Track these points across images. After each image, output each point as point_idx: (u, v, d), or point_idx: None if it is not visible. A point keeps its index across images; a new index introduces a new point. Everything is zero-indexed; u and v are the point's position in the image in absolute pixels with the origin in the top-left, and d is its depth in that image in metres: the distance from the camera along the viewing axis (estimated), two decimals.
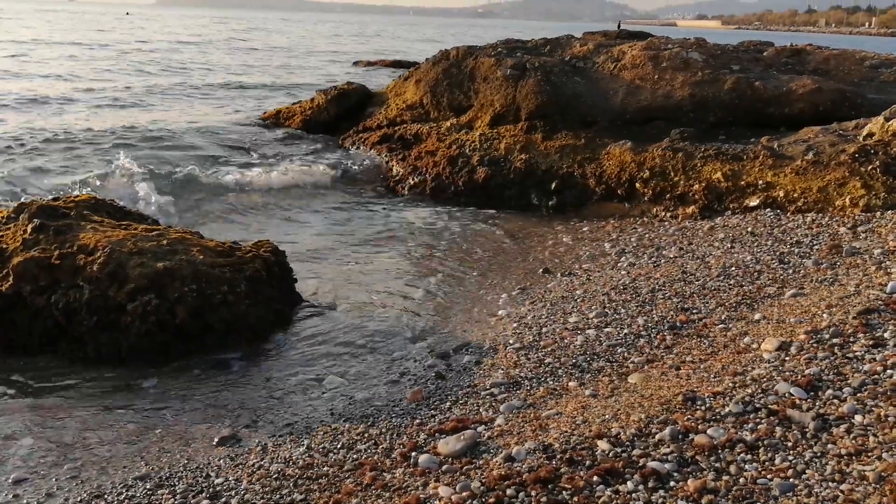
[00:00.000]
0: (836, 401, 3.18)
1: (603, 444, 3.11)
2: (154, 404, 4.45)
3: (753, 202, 7.90)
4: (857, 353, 3.62)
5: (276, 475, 3.44)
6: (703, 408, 3.32)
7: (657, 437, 3.11)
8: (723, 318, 4.77)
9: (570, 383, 4.14)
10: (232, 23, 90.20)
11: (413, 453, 3.42)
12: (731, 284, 5.40)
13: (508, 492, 2.88)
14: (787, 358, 3.75)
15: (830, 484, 2.64)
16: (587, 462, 3.00)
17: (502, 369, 4.50)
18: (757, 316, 4.62)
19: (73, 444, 3.97)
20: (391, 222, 8.68)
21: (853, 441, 2.85)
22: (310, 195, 9.92)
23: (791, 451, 2.86)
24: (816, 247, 5.98)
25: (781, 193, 7.79)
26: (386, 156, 11.29)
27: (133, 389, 4.64)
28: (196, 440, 3.97)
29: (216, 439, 3.92)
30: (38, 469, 3.71)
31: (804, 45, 12.07)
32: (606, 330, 4.90)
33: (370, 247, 7.74)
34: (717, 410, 3.27)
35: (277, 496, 3.26)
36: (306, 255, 7.27)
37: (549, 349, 4.71)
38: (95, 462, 3.76)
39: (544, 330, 5.11)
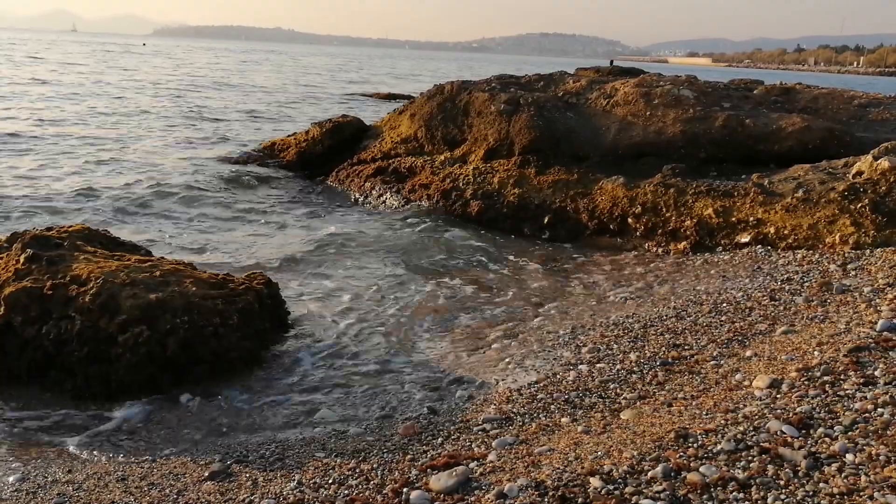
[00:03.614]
0: (827, 439, 3.18)
1: (595, 482, 3.09)
2: (143, 437, 4.42)
3: (744, 238, 7.96)
4: (847, 392, 3.63)
5: None
6: (695, 445, 3.31)
7: (649, 474, 3.10)
8: (714, 354, 4.78)
9: (563, 419, 4.13)
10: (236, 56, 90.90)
11: (404, 489, 3.40)
12: (722, 321, 5.42)
13: None
14: (778, 395, 3.75)
15: None
16: (579, 499, 2.98)
17: (494, 404, 4.49)
18: (748, 353, 4.64)
19: (60, 477, 3.93)
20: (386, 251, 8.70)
21: (845, 480, 2.85)
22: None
23: (783, 490, 2.86)
24: (807, 284, 6.02)
25: (772, 230, 7.85)
26: (380, 188, 11.35)
27: (122, 423, 4.61)
28: (186, 474, 3.93)
29: (206, 473, 3.88)
30: (24, 503, 3.67)
31: (794, 84, 12.27)
32: (599, 366, 4.90)
33: (364, 278, 7.73)
34: (709, 448, 3.26)
35: None
36: (295, 286, 7.26)
37: (542, 384, 4.71)
38: (83, 496, 3.71)
39: (537, 364, 5.11)
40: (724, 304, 5.79)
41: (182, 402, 4.87)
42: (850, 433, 3.19)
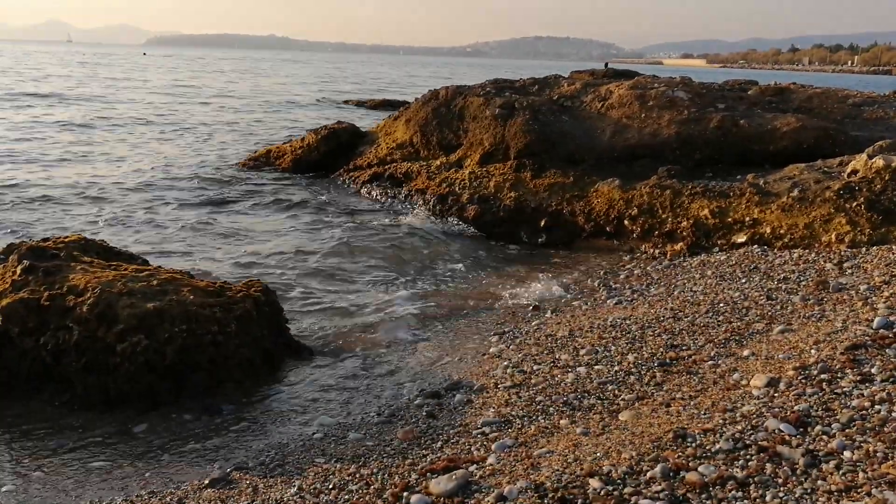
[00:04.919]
0: (825, 437, 3.19)
1: (594, 483, 3.10)
2: (143, 446, 4.42)
3: (741, 239, 7.97)
4: (845, 389, 3.64)
5: None
6: (693, 445, 3.32)
7: (648, 474, 3.11)
8: (712, 354, 4.78)
9: (562, 421, 4.14)
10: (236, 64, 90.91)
11: (405, 493, 3.40)
12: (719, 321, 5.43)
13: None
14: (776, 394, 3.76)
15: None
16: (579, 500, 2.99)
17: (493, 408, 4.50)
18: (746, 352, 4.65)
19: (60, 487, 3.93)
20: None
21: (843, 477, 2.86)
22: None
23: (781, 488, 2.87)
24: (803, 283, 6.03)
25: (768, 230, 7.88)
26: (377, 193, 11.38)
27: (122, 432, 4.61)
28: (186, 482, 3.93)
29: (206, 480, 3.89)
30: None
31: (788, 84, 12.31)
32: (597, 367, 4.91)
33: (361, 285, 7.74)
34: (707, 447, 3.27)
35: None
36: (294, 294, 7.27)
37: (540, 387, 4.71)
38: None
39: (535, 368, 5.11)
40: (722, 305, 5.80)
41: (181, 410, 4.87)
42: (847, 430, 3.20)
